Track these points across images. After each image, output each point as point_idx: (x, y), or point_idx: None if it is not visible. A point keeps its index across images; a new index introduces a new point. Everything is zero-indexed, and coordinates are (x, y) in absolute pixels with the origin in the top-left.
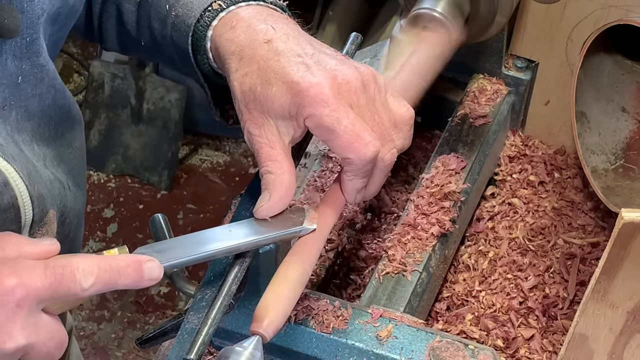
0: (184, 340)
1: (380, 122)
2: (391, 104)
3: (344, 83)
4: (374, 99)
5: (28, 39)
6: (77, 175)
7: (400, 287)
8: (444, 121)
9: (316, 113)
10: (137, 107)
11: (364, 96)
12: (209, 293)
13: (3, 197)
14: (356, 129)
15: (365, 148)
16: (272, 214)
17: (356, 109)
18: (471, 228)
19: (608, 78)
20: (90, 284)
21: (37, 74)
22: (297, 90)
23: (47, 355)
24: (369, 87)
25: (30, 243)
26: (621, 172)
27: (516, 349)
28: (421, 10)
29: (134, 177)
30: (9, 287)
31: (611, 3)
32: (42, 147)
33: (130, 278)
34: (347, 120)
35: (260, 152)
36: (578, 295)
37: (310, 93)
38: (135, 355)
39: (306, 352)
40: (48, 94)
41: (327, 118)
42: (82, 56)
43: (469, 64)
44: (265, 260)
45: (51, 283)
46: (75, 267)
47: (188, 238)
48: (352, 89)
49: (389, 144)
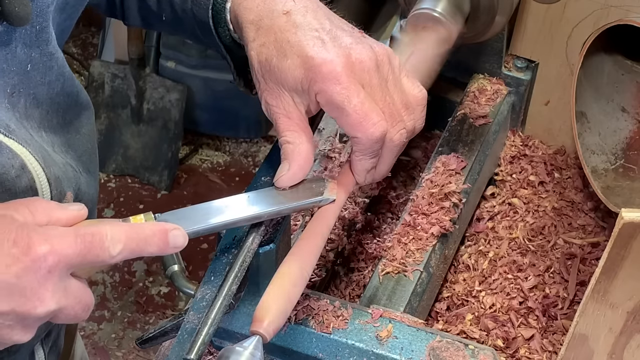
0: (184, 340)
1: (391, 103)
2: (404, 85)
3: (358, 62)
4: (386, 79)
5: (38, 27)
6: (87, 161)
7: (400, 287)
8: (444, 121)
9: (327, 89)
10: (137, 107)
11: (377, 76)
12: (209, 293)
13: (21, 180)
14: (365, 109)
15: (372, 128)
16: (292, 184)
17: (367, 89)
18: (471, 228)
19: (608, 78)
20: (118, 251)
21: (46, 62)
22: (311, 65)
23: (75, 317)
24: (383, 67)
25: (60, 208)
26: (621, 172)
27: (516, 349)
28: (421, 10)
29: (134, 177)
30: (41, 254)
31: (611, 3)
32: (50, 134)
33: (156, 246)
34: (357, 99)
35: (278, 122)
36: (578, 295)
37: (322, 69)
38: (135, 355)
39: (306, 352)
40: (57, 81)
41: (338, 95)
42: (82, 56)
43: (469, 64)
44: (265, 260)
45: (81, 250)
46: (104, 234)
47: (209, 206)
48: (364, 68)
49: (399, 125)
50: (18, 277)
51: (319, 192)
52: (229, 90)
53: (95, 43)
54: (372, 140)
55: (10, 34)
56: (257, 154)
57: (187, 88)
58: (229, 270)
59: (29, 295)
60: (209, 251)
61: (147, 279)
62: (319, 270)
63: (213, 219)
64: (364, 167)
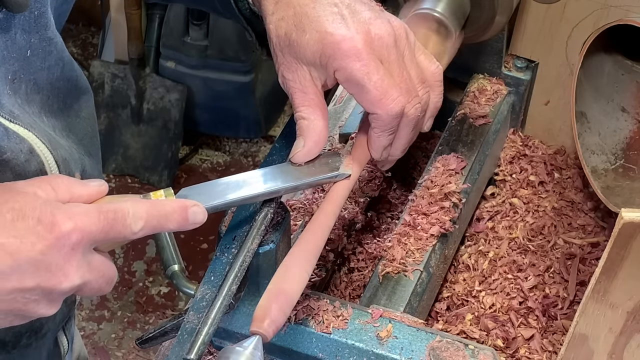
0: (184, 340)
1: (407, 78)
2: (421, 60)
3: (377, 38)
4: (403, 55)
5: (36, 12)
6: (89, 144)
7: (400, 287)
8: (444, 121)
9: (347, 66)
10: (137, 107)
11: (395, 51)
12: (209, 293)
13: (30, 164)
14: (385, 85)
15: (392, 104)
16: (308, 159)
17: (386, 64)
18: (471, 228)
19: (608, 78)
20: (140, 227)
21: (45, 47)
22: (330, 42)
23: (99, 291)
24: (400, 43)
25: (81, 184)
26: (621, 172)
27: (516, 349)
28: (421, 11)
29: (134, 177)
30: (65, 231)
31: (611, 3)
32: (51, 119)
33: (176, 222)
34: (377, 75)
35: (293, 97)
36: (578, 295)
37: (342, 46)
38: (135, 355)
39: (306, 352)
40: (57, 66)
41: (358, 72)
42: (82, 56)
43: (469, 64)
44: (265, 260)
45: (104, 226)
46: (126, 212)
47: (227, 181)
48: (384, 44)
49: (414, 99)
50: (43, 254)
51: (335, 167)
52: (229, 90)
53: (95, 43)
54: (391, 116)
55: (9, 20)
56: (257, 154)
57: (187, 88)
58: (229, 270)
59: (54, 271)
60: (209, 251)
61: (147, 279)
62: (319, 270)
63: (231, 194)
64: (382, 143)
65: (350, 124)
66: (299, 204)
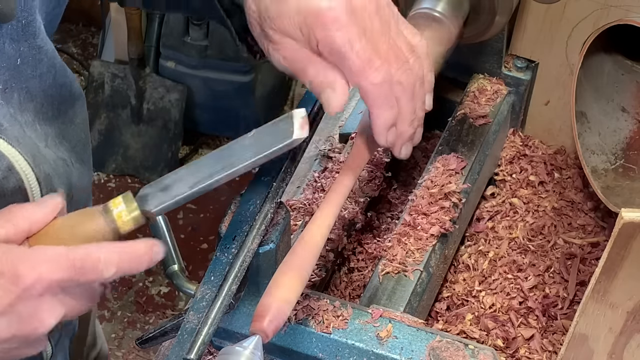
0: (184, 340)
1: (394, 45)
2: (406, 32)
3: (359, 6)
4: (388, 23)
5: (24, 21)
6: (81, 151)
7: (400, 287)
8: (444, 121)
9: (329, 36)
10: (137, 107)
11: (378, 20)
12: (209, 293)
13: (9, 182)
14: (367, 54)
15: (376, 72)
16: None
17: (369, 33)
18: (471, 228)
19: (608, 78)
20: (112, 273)
21: (35, 55)
22: (310, 11)
23: (81, 312)
24: (384, 12)
25: (37, 207)
26: (621, 172)
27: (516, 349)
28: (421, 10)
29: (134, 177)
30: (29, 283)
31: (611, 3)
32: (45, 127)
33: (146, 264)
34: (359, 44)
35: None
36: (578, 295)
37: (323, 15)
38: (135, 355)
39: (306, 352)
40: (49, 73)
41: (340, 40)
42: (82, 56)
43: (469, 64)
44: (265, 260)
45: (71, 275)
46: (96, 258)
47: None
48: (366, 12)
49: (404, 65)
50: (12, 306)
51: (289, 132)
52: (229, 90)
53: (95, 43)
54: (377, 86)
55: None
56: None
57: (187, 88)
58: (229, 270)
59: (27, 320)
60: (209, 251)
61: (147, 279)
62: (319, 270)
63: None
64: (383, 122)
65: (350, 124)
66: (299, 204)
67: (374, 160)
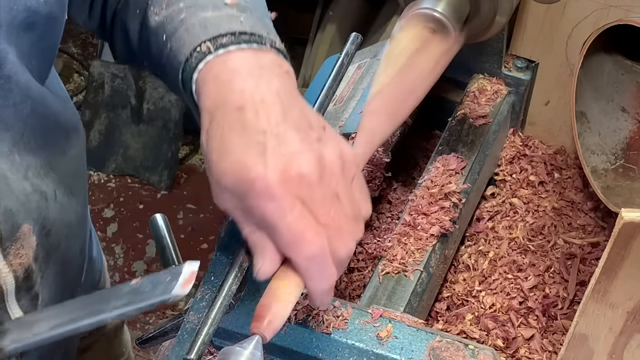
0: (184, 340)
1: (335, 216)
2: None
3: (297, 176)
4: (334, 191)
5: None
6: (72, 183)
7: (400, 287)
8: (444, 121)
9: (259, 206)
10: (137, 107)
11: (320, 189)
12: (209, 293)
13: None
14: (300, 227)
15: (308, 245)
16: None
17: (309, 204)
18: (471, 228)
19: (608, 78)
20: None
21: (3, 85)
22: (245, 178)
23: None
24: (329, 179)
25: None
26: (621, 172)
27: (516, 349)
28: (421, 11)
29: (134, 177)
30: None
31: (611, 3)
32: (28, 157)
33: None
34: (291, 217)
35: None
36: (578, 295)
37: (255, 185)
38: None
39: (306, 352)
40: (24, 103)
41: (270, 214)
42: (82, 56)
43: (469, 64)
44: None
45: None
46: None
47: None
48: (305, 183)
49: (346, 237)
50: None
51: (170, 288)
52: None
53: (95, 43)
54: (308, 259)
55: None
56: None
57: None
58: (229, 270)
59: None
60: (209, 251)
61: None
62: None
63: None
64: (318, 292)
65: (350, 124)
66: None
67: (374, 160)
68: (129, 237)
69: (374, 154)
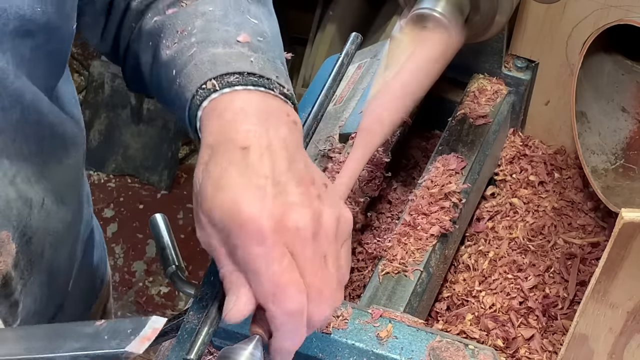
0: (184, 340)
1: (322, 278)
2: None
3: (293, 228)
4: (324, 253)
5: None
6: (64, 191)
7: (400, 287)
8: (444, 121)
9: (246, 247)
10: (137, 107)
11: (312, 248)
12: (209, 293)
13: None
14: (284, 279)
15: (288, 301)
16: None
17: (298, 259)
18: (471, 228)
19: (608, 78)
20: None
21: None
22: (237, 216)
23: None
24: (322, 240)
25: None
26: (621, 172)
27: (516, 349)
28: (421, 10)
29: (134, 177)
30: None
31: (611, 3)
32: (18, 162)
33: None
34: (278, 267)
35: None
36: (578, 295)
37: (247, 225)
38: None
39: (306, 352)
40: (13, 108)
41: (256, 258)
42: (82, 56)
43: (469, 64)
44: None
45: None
46: None
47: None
48: (299, 237)
49: (325, 304)
50: None
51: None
52: None
53: None
54: (285, 315)
55: None
56: None
57: None
58: None
59: None
60: None
61: (147, 279)
62: None
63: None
64: (285, 347)
65: (350, 124)
66: None
67: (374, 160)
68: (129, 237)
69: (374, 154)
